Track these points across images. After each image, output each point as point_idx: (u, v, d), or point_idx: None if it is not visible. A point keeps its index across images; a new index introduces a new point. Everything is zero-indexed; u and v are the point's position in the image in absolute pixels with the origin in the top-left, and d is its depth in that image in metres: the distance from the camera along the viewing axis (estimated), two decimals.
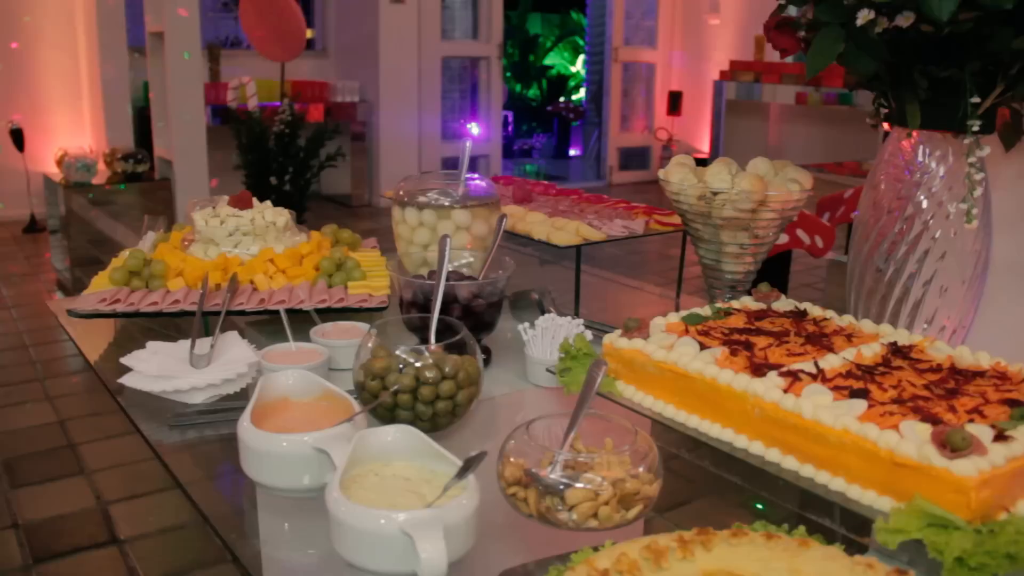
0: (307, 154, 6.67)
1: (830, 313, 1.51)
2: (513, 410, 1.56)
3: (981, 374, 1.27)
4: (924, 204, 1.49)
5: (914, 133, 1.50)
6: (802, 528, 1.04)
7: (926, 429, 1.05)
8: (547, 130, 13.23)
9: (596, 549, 0.96)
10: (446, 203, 1.83)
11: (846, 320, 1.48)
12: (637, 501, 1.12)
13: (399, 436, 1.18)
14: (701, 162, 1.84)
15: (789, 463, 1.16)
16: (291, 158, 6.61)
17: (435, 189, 1.86)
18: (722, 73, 9.53)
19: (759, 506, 1.15)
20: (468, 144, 1.95)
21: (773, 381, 1.20)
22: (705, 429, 1.25)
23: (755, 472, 1.18)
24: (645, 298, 2.40)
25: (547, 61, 13.94)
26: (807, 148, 9.54)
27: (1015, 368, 1.29)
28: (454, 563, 1.04)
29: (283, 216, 2.01)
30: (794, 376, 1.21)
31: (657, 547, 0.94)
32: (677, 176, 1.75)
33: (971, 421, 1.11)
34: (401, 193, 1.88)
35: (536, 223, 2.05)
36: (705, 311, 1.50)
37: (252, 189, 6.57)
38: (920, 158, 1.50)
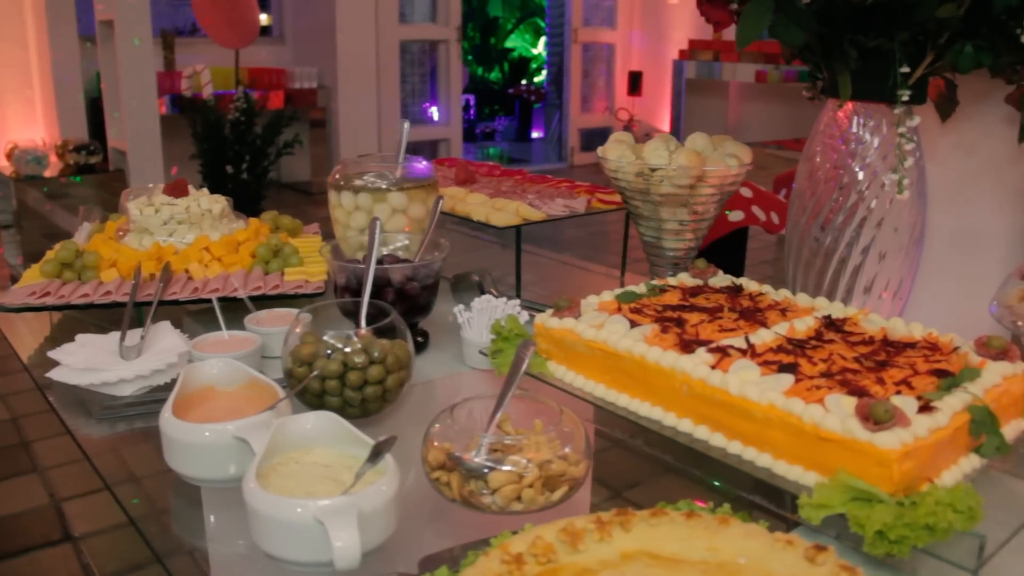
0: (264, 142, 6.61)
1: (766, 288, 1.50)
2: (449, 393, 1.53)
3: (912, 345, 1.26)
4: (859, 175, 1.48)
5: (848, 104, 1.49)
6: (727, 506, 1.02)
7: (851, 402, 1.04)
8: (509, 113, 13.19)
9: (516, 533, 0.94)
10: (382, 186, 1.80)
11: (782, 295, 1.46)
12: (562, 483, 1.10)
13: (319, 423, 1.16)
14: None
15: (717, 440, 1.14)
16: (247, 146, 6.54)
17: (372, 172, 1.83)
18: (681, 52, 9.53)
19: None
20: (406, 125, 1.92)
21: (702, 358, 1.18)
22: (635, 408, 1.23)
23: (688, 450, 1.17)
24: (591, 277, 2.38)
25: (508, 43, 13.88)
26: (767, 125, 9.56)
27: (946, 339, 1.28)
28: (374, 550, 1.02)
29: (219, 203, 1.97)
30: (723, 352, 1.20)
31: (574, 529, 0.92)
32: (615, 153, 1.73)
33: (898, 393, 1.09)
34: (337, 177, 1.85)
35: (476, 204, 2.02)
36: (640, 289, 1.48)
37: (209, 178, 6.52)
38: (854, 129, 1.48)
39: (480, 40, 13.71)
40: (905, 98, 1.35)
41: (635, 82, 10.49)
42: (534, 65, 13.68)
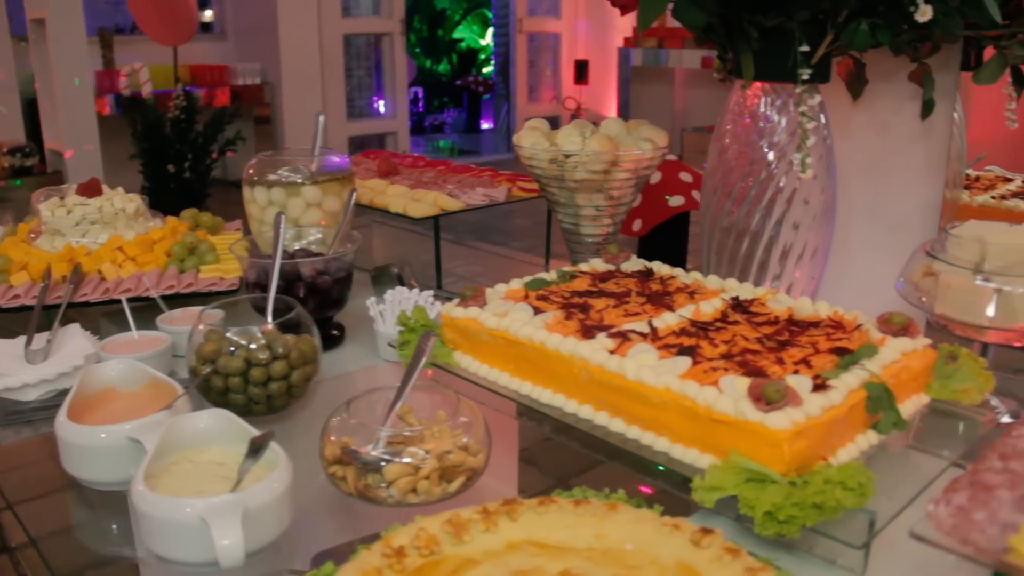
0: (205, 139, 6.54)
1: (678, 271, 1.49)
2: (363, 386, 1.52)
3: (816, 324, 1.25)
4: (769, 154, 1.47)
5: (756, 84, 1.48)
6: (622, 491, 1.01)
7: (745, 383, 1.03)
8: (458, 105, 13.15)
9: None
10: (296, 180, 1.78)
11: (692, 278, 1.46)
12: (460, 473, 1.09)
13: (213, 421, 1.14)
14: None
15: (617, 425, 1.13)
16: (189, 144, 6.47)
17: (286, 167, 1.81)
18: (626, 40, 9.54)
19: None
20: (321, 118, 1.90)
21: (601, 343, 1.17)
22: (537, 396, 1.22)
23: (589, 436, 1.15)
24: (517, 266, 2.37)
25: (456, 35, 13.83)
26: (715, 110, 9.55)
27: (851, 317, 1.27)
28: (267, 546, 1.01)
29: (133, 202, 1.94)
30: (623, 337, 1.19)
31: (459, 520, 0.90)
32: (529, 140, 1.72)
33: (796, 372, 1.09)
34: (251, 172, 1.82)
35: (396, 196, 2.00)
36: (550, 276, 1.47)
37: (151, 178, 6.44)
38: (762, 108, 1.48)
39: (428, 32, 13.66)
40: (805, 77, 1.34)
41: (581, 71, 10.49)
42: (483, 56, 13.64)
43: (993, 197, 2.07)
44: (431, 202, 1.94)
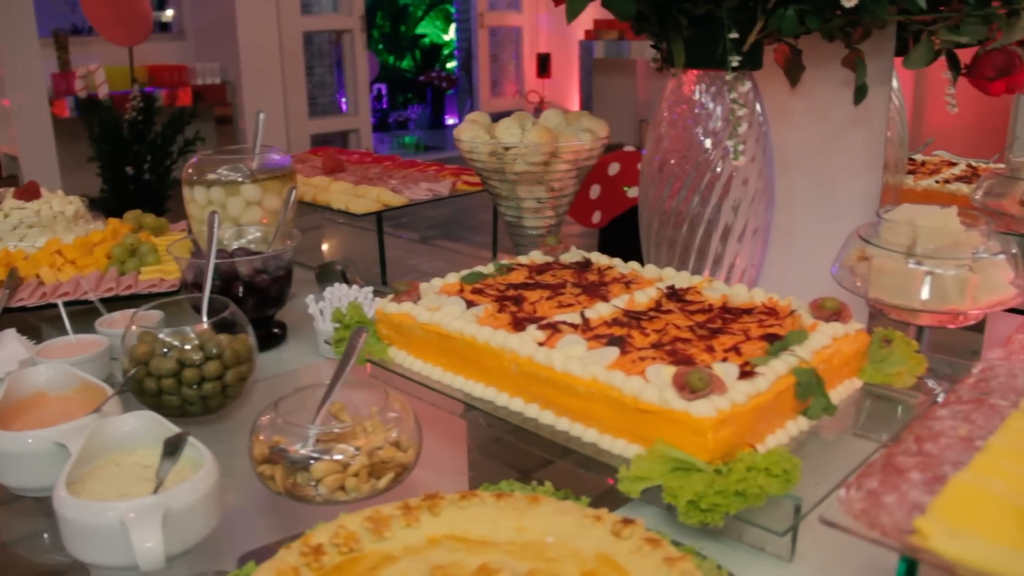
0: (165, 140, 6.48)
1: (616, 261, 1.49)
2: (303, 384, 1.51)
3: (749, 311, 1.25)
4: (706, 142, 1.47)
5: (691, 72, 1.48)
6: (549, 484, 1.01)
7: (672, 372, 1.03)
8: (422, 101, 13.10)
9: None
10: (236, 178, 1.76)
11: (630, 267, 1.45)
12: (388, 469, 1.08)
13: (139, 423, 1.13)
14: None
15: (547, 417, 1.12)
16: (147, 145, 6.41)
17: (225, 166, 1.79)
18: (587, 33, 9.52)
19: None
20: (261, 116, 1.89)
21: (531, 335, 1.16)
22: (469, 389, 1.21)
23: (521, 429, 1.15)
24: (465, 260, 2.35)
25: (419, 30, 13.77)
26: None
27: (784, 303, 1.27)
28: (194, 547, 1.00)
29: (72, 205, 1.92)
30: (554, 328, 1.18)
31: (379, 517, 0.90)
32: (468, 134, 1.71)
33: (724, 360, 1.08)
34: (190, 172, 1.81)
35: (339, 193, 1.99)
36: (487, 269, 1.46)
37: (109, 181, 6.37)
38: (697, 96, 1.47)
39: (390, 28, 13.59)
40: (735, 64, 1.33)
41: (544, 64, 10.48)
42: (446, 52, 13.60)
43: (937, 181, 2.08)
44: (374, 198, 1.92)
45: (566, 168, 1.68)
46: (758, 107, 1.46)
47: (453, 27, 13.06)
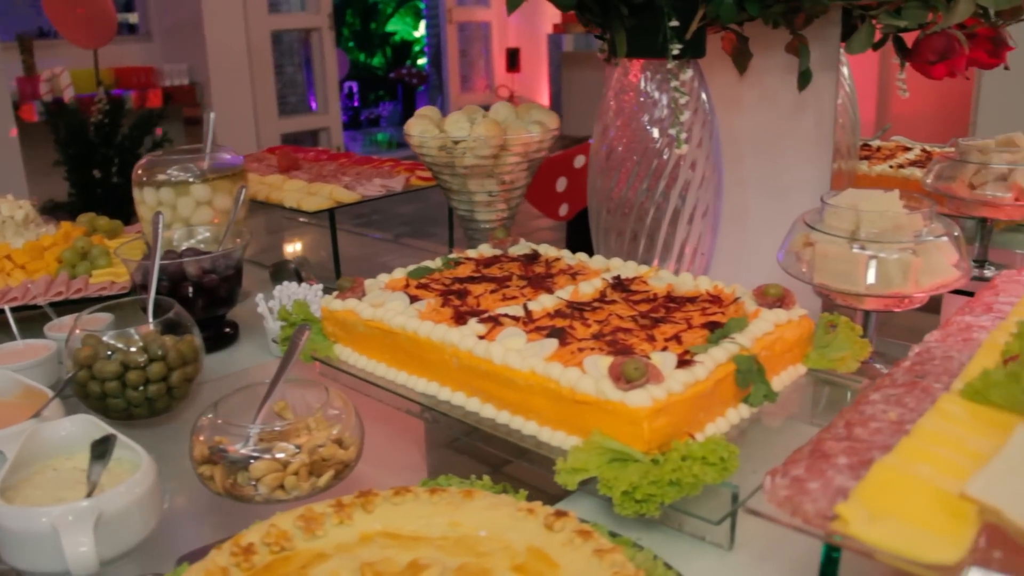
0: (132, 143, 6.43)
1: (564, 252, 1.48)
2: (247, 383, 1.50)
3: (693, 300, 1.25)
4: (653, 131, 1.46)
5: (636, 62, 1.47)
6: (487, 478, 1.00)
7: (609, 363, 1.02)
8: (393, 98, 13.06)
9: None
10: (186, 179, 1.75)
11: (577, 259, 1.45)
12: (328, 467, 1.07)
13: (77, 427, 1.11)
14: None
15: (488, 411, 1.12)
16: (115, 148, 6.36)
17: (175, 166, 1.78)
18: (556, 27, 9.53)
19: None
20: (212, 116, 1.88)
21: (472, 329, 1.15)
22: (412, 385, 1.21)
23: (463, 423, 1.14)
24: (422, 256, 2.35)
25: (389, 28, 13.72)
26: None
27: (729, 290, 1.27)
28: (131, 551, 0.99)
29: (22, 210, 1.90)
30: (495, 321, 1.17)
31: (312, 515, 0.89)
32: (418, 128, 1.70)
33: (665, 349, 1.08)
34: (140, 173, 1.79)
35: (292, 191, 1.98)
36: (436, 263, 1.45)
37: (76, 184, 6.32)
38: (642, 85, 1.46)
39: (360, 26, 13.54)
40: (676, 52, 1.33)
41: (513, 58, 10.47)
42: (417, 48, 13.56)
43: (891, 167, 2.08)
44: (327, 195, 1.91)
45: (516, 160, 1.67)
46: (704, 95, 1.46)
47: (423, 23, 13.02)
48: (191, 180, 1.74)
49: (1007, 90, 3.22)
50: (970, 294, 1.28)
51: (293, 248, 2.39)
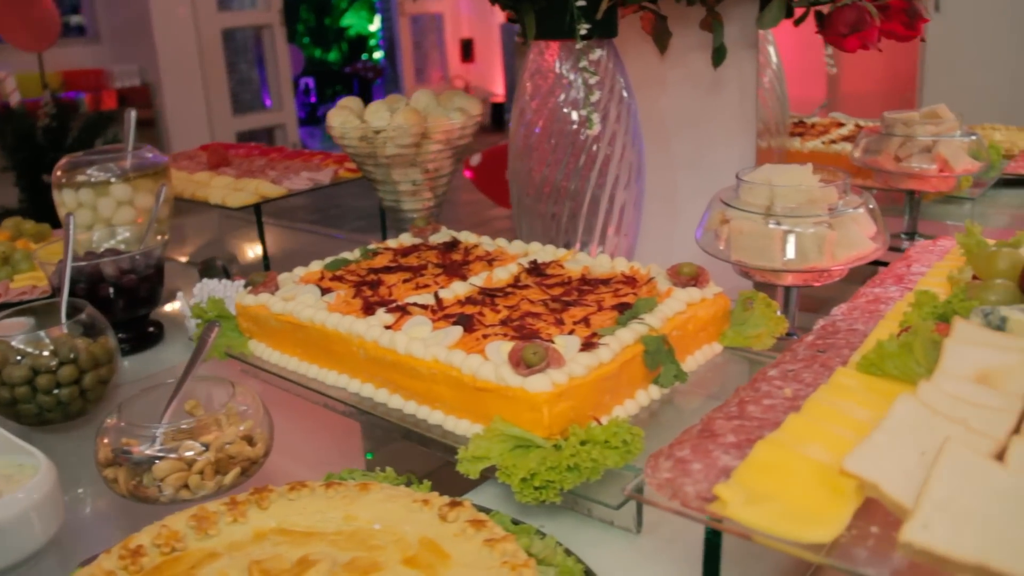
0: (82, 147, 6.35)
1: (485, 239, 1.46)
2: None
3: (607, 282, 1.23)
4: (572, 114, 1.45)
5: (552, 44, 1.45)
6: (390, 470, 0.98)
7: (510, 348, 1.00)
8: (350, 92, 12.98)
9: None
10: (106, 179, 1.72)
11: (496, 245, 1.43)
12: (234, 465, 1.05)
13: None
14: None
15: (396, 401, 1.10)
16: (65, 152, 6.28)
17: (95, 166, 1.75)
18: (508, 16, 9.48)
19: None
20: (132, 114, 1.85)
21: (380, 319, 1.14)
22: (323, 378, 1.19)
23: (372, 415, 1.12)
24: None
25: (344, 22, 13.64)
26: None
27: (644, 271, 1.25)
28: (30, 557, 0.96)
29: None
30: (403, 311, 1.16)
31: (205, 514, 0.87)
32: (338, 120, 1.68)
33: (572, 332, 1.06)
34: (59, 175, 1.76)
35: (218, 187, 1.95)
36: (354, 254, 1.43)
37: (26, 190, 6.24)
38: (557, 68, 1.45)
39: (315, 21, 13.45)
40: (584, 32, 1.31)
41: (467, 49, 10.44)
42: (372, 42, 13.49)
43: (823, 143, 2.08)
44: (252, 191, 1.89)
45: (439, 148, 1.65)
46: (619, 75, 1.44)
47: (378, 17, 12.95)
48: (111, 180, 1.71)
49: (950, 66, 3.23)
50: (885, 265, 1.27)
51: (224, 246, 2.36)
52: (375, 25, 13.33)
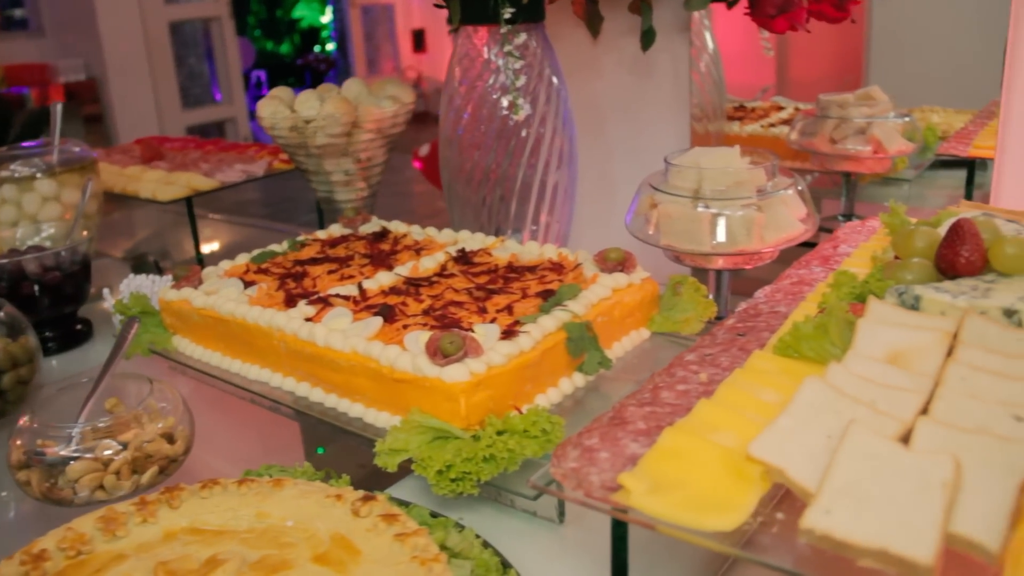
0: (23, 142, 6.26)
1: (415, 228, 1.45)
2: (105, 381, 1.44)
3: (533, 269, 1.22)
4: (502, 100, 1.43)
5: (481, 30, 1.43)
6: (308, 466, 0.96)
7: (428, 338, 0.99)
8: (302, 85, 12.88)
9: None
10: (30, 174, 1.68)
11: (425, 234, 1.41)
12: (152, 464, 1.03)
13: None
14: None
15: (317, 395, 1.08)
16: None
17: (18, 161, 1.71)
18: None
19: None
20: (59, 107, 1.81)
21: (301, 311, 1.11)
22: (246, 372, 1.17)
23: (295, 410, 1.10)
24: None
25: (295, 14, 13.53)
26: None
27: (572, 257, 1.24)
28: None
29: None
30: (325, 303, 1.13)
31: (112, 515, 0.85)
32: (268, 110, 1.65)
33: (493, 321, 1.05)
34: None
35: (149, 181, 1.92)
36: (282, 246, 1.41)
37: None
38: (486, 54, 1.43)
39: (267, 14, 13.33)
40: (507, 16, 1.30)
41: (419, 40, 10.39)
42: (325, 34, 13.38)
43: (762, 126, 2.06)
44: (184, 184, 1.86)
45: (371, 137, 1.63)
46: (548, 60, 1.43)
47: (330, 9, 12.85)
48: (36, 175, 1.67)
49: (895, 49, 3.23)
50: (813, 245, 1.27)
51: (163, 241, 2.33)
52: (327, 17, 13.23)
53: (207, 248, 2.15)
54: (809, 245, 1.29)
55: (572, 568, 0.89)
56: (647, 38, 1.45)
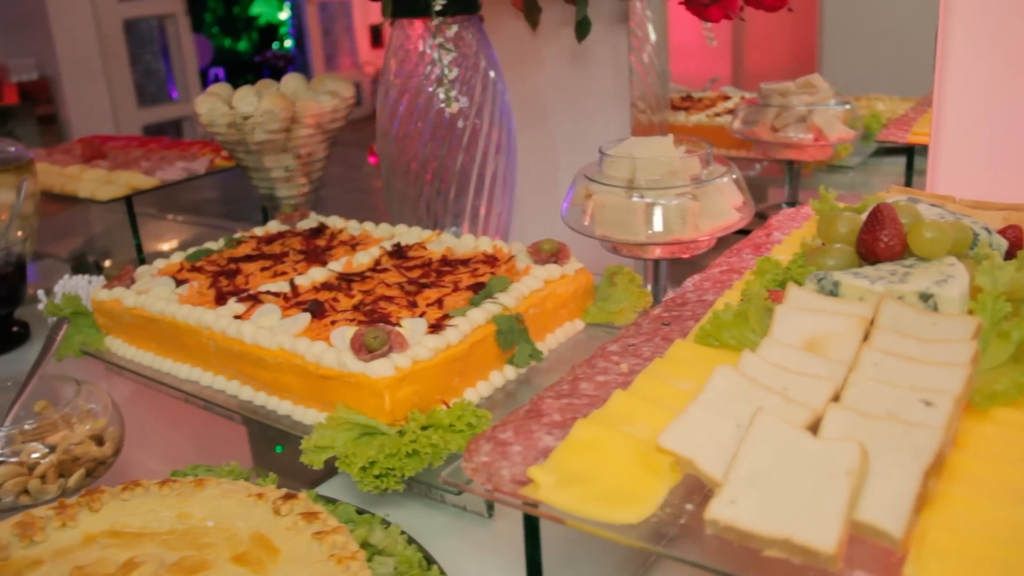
0: None
1: (351, 223, 1.44)
2: (42, 384, 1.42)
3: (466, 262, 1.21)
4: (438, 93, 1.42)
5: (416, 23, 1.42)
6: (235, 464, 0.95)
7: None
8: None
9: None
10: None
11: (361, 229, 1.40)
12: (79, 467, 1.01)
13: None
14: None
15: (246, 393, 1.07)
16: None
17: None
18: None
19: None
20: None
21: (230, 309, 1.10)
22: (176, 371, 1.15)
23: (226, 408, 1.09)
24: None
25: (253, 11, 13.43)
26: None
27: (507, 249, 1.24)
28: None
29: None
30: (254, 300, 1.12)
31: (30, 520, 0.83)
32: (206, 106, 1.64)
33: (422, 315, 1.04)
34: None
35: (88, 181, 1.90)
36: (218, 244, 1.40)
37: None
38: (421, 47, 1.42)
39: (224, 11, 13.22)
40: (439, 8, 1.29)
41: (377, 35, 10.33)
42: (283, 30, 13.29)
43: (708, 116, 2.07)
44: (123, 183, 1.84)
45: (310, 133, 1.62)
46: (484, 52, 1.42)
47: (288, 5, 12.76)
48: None
49: (847, 38, 3.25)
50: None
51: (107, 241, 2.30)
52: (285, 13, 13.14)
53: (158, 248, 2.14)
54: (746, 232, 1.30)
55: (501, 563, 0.89)
56: (582, 28, 1.45)
